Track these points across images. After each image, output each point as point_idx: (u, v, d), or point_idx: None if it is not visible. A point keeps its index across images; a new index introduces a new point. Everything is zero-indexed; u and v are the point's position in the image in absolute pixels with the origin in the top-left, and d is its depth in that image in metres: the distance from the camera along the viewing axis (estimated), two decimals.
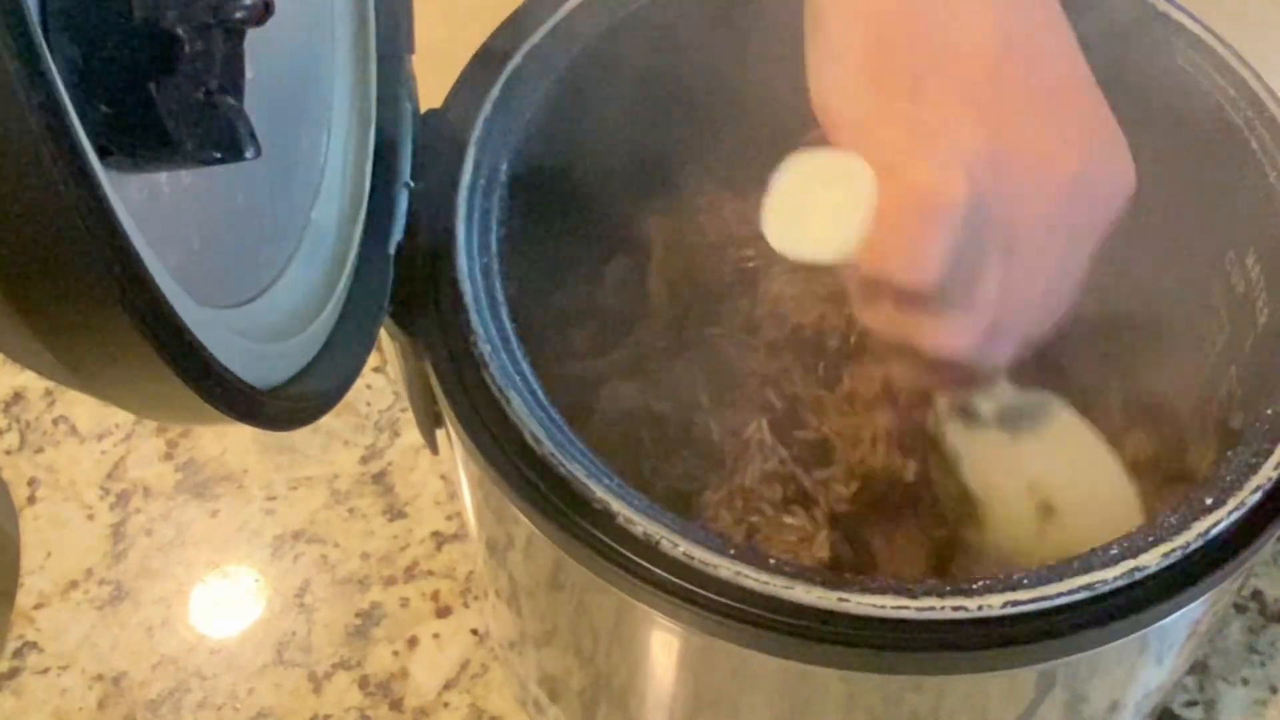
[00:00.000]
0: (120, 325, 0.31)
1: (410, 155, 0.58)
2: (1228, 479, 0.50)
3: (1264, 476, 0.50)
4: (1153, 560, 0.48)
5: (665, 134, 0.68)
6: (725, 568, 0.47)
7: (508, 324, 0.54)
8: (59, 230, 0.28)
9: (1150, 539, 0.49)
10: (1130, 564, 0.48)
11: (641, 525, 0.48)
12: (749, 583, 0.47)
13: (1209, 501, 0.50)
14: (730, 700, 0.55)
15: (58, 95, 0.28)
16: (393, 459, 0.81)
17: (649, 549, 0.48)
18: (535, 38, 0.62)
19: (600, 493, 0.49)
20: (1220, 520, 0.49)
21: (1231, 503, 0.49)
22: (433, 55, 0.61)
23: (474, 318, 0.53)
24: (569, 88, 0.62)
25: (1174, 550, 0.48)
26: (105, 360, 0.32)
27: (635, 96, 0.65)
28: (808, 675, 0.49)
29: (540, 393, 0.52)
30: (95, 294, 0.30)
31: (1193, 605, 0.50)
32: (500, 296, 0.54)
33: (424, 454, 0.81)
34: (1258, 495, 0.50)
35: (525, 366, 0.53)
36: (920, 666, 0.48)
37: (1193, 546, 0.49)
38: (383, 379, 0.84)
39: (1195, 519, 0.49)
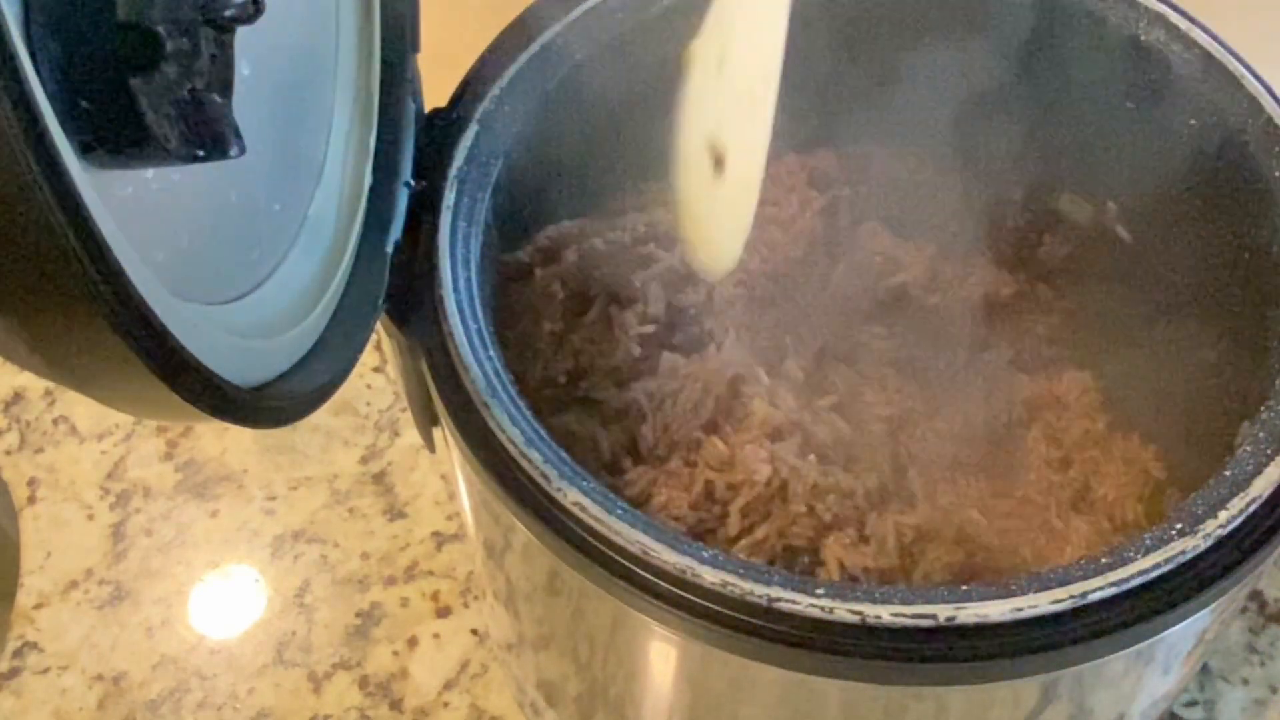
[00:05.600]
0: (93, 321, 0.30)
1: (412, 154, 0.58)
2: (1228, 488, 0.50)
3: (1263, 486, 0.50)
4: (1154, 568, 0.48)
5: (668, 135, 0.68)
6: (710, 575, 0.47)
7: (485, 329, 0.54)
8: (29, 223, 0.28)
9: (1150, 546, 0.48)
10: (1130, 569, 0.47)
11: (631, 534, 0.48)
12: (736, 590, 0.46)
13: (1213, 509, 0.49)
14: (728, 709, 0.54)
15: (28, 89, 0.28)
16: (393, 459, 0.81)
17: (640, 557, 0.48)
18: (542, 40, 0.62)
19: (575, 494, 0.49)
20: (1226, 525, 0.49)
21: (1235, 506, 0.49)
22: (439, 55, 0.60)
23: (456, 327, 0.53)
24: (574, 90, 0.62)
25: (1174, 558, 0.48)
26: (82, 356, 0.32)
27: (639, 101, 0.65)
28: (805, 683, 0.49)
29: (519, 400, 0.52)
30: (67, 289, 0.30)
31: (1199, 615, 0.49)
32: (488, 299, 0.55)
33: (424, 454, 0.81)
34: (1256, 504, 0.49)
35: (503, 372, 0.53)
36: (911, 677, 0.47)
37: (1196, 552, 0.48)
38: (383, 379, 0.84)
39: (1199, 525, 0.49)
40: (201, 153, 0.36)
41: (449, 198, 0.56)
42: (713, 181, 0.59)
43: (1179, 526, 0.48)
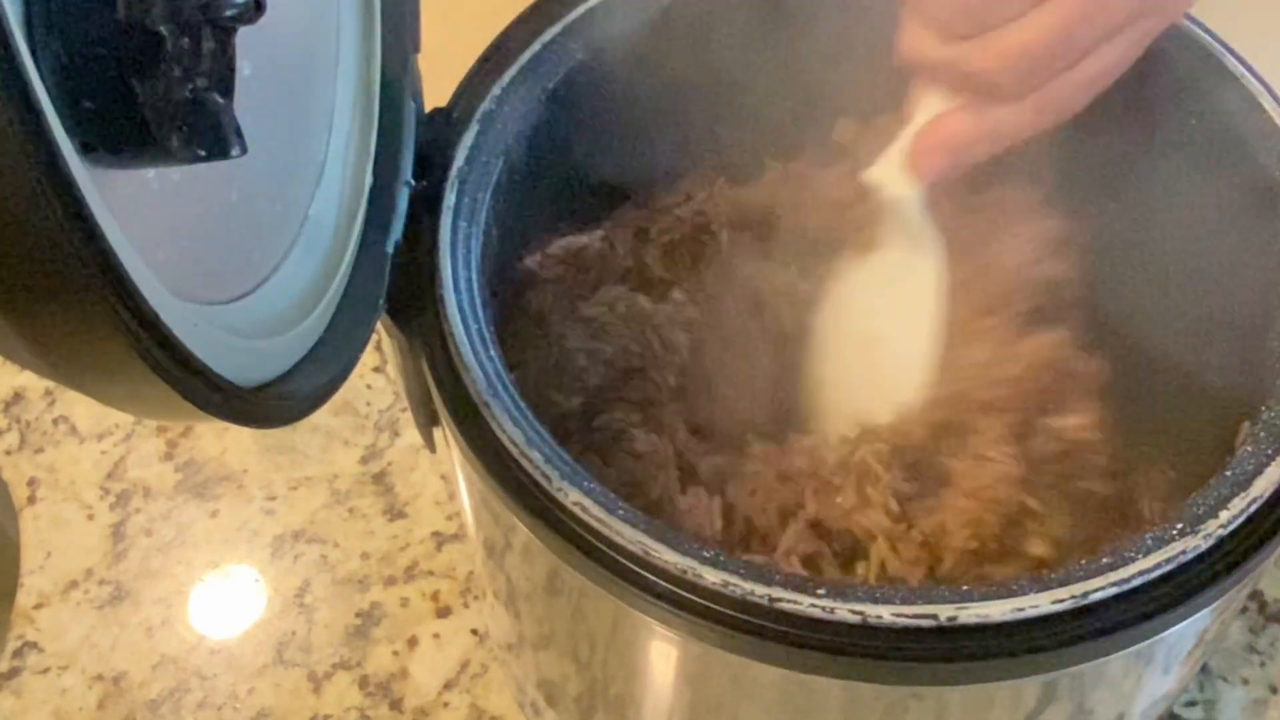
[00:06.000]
0: (96, 321, 0.30)
1: (413, 154, 0.58)
2: (1228, 488, 0.50)
3: (1264, 486, 0.50)
4: (1154, 568, 0.48)
5: (667, 138, 0.68)
6: (711, 575, 0.47)
7: (486, 329, 0.54)
8: (30, 223, 0.28)
9: (1150, 546, 0.48)
10: (1131, 569, 0.47)
11: (633, 534, 0.48)
12: (737, 590, 0.46)
13: (1213, 509, 0.49)
14: (729, 709, 0.54)
15: (30, 88, 0.28)
16: (393, 459, 0.81)
17: (641, 557, 0.48)
18: (542, 40, 0.62)
19: (576, 494, 0.49)
20: (1226, 525, 0.49)
21: (1236, 506, 0.49)
22: (439, 55, 0.61)
23: (457, 327, 0.53)
24: (574, 90, 0.62)
25: (1174, 558, 0.48)
26: (83, 356, 0.32)
27: (640, 100, 0.65)
28: (806, 683, 0.49)
29: (520, 400, 0.52)
30: (70, 290, 0.30)
31: (1199, 615, 0.49)
32: (489, 299, 0.55)
33: (424, 454, 0.81)
34: (1256, 504, 0.49)
35: (504, 372, 0.53)
36: (911, 677, 0.47)
37: (1197, 552, 0.48)
38: (383, 379, 0.84)
39: (1200, 525, 0.49)
40: (203, 153, 0.36)
41: (449, 198, 0.57)
42: None
43: (1179, 526, 0.48)
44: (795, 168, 0.69)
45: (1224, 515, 0.49)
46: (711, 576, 0.46)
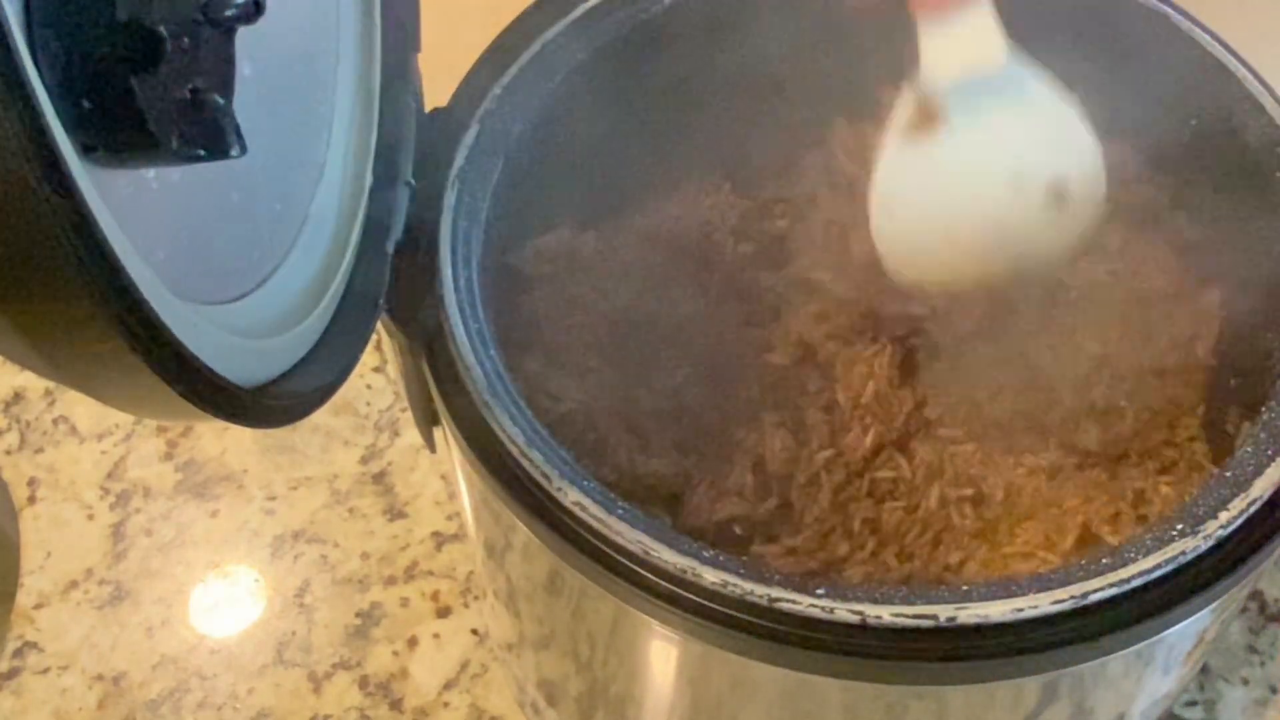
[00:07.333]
0: (95, 321, 0.30)
1: (412, 154, 0.58)
2: (1228, 488, 0.50)
3: (1264, 486, 0.50)
4: (1154, 568, 0.48)
5: (667, 138, 0.68)
6: (711, 574, 0.47)
7: (486, 328, 0.54)
8: (29, 223, 0.28)
9: (1150, 546, 0.48)
10: (1131, 569, 0.47)
11: (632, 533, 0.48)
12: (737, 590, 0.46)
13: (1213, 510, 0.49)
14: (729, 708, 0.54)
15: (30, 88, 0.28)
16: (393, 459, 0.81)
17: (640, 557, 0.48)
18: (542, 40, 0.62)
19: (576, 494, 0.49)
20: (1226, 526, 0.49)
21: (1236, 507, 0.49)
22: (439, 55, 0.60)
23: (457, 326, 0.53)
24: (575, 90, 0.62)
25: (1174, 558, 0.48)
26: (82, 356, 0.32)
27: (638, 101, 0.65)
28: (806, 683, 0.49)
29: (520, 400, 0.52)
30: (69, 289, 0.30)
31: (1199, 615, 0.49)
32: (489, 297, 0.54)
33: (424, 454, 0.81)
34: (1258, 504, 0.49)
35: (504, 372, 0.53)
36: (911, 676, 0.47)
37: (1197, 552, 0.48)
38: (383, 379, 0.84)
39: (1200, 525, 0.49)
40: (202, 153, 0.36)
41: (449, 197, 0.57)
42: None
43: (1179, 527, 0.48)
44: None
45: (1224, 516, 0.49)
46: (711, 576, 0.46)
